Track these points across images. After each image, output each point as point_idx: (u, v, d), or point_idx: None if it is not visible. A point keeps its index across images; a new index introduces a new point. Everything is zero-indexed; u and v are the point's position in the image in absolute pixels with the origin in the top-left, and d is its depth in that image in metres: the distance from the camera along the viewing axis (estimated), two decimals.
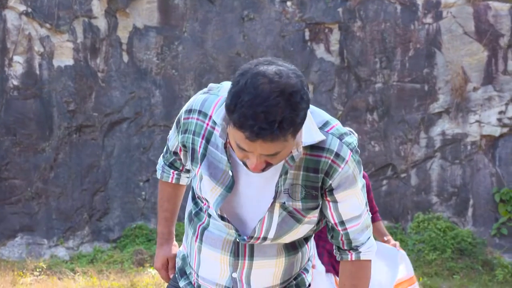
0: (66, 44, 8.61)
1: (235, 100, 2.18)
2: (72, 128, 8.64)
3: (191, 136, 2.54)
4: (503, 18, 8.66)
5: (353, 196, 2.50)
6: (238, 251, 2.54)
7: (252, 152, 2.25)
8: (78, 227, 8.60)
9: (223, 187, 2.46)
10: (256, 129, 2.15)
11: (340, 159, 2.41)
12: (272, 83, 2.17)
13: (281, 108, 2.15)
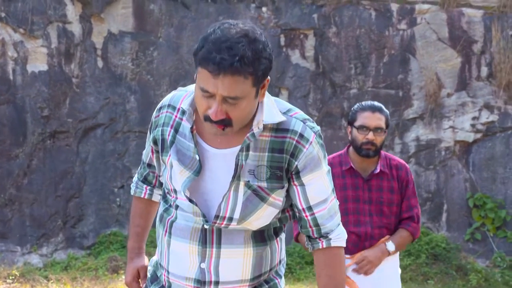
0: (40, 50, 8.58)
1: (203, 42, 2.36)
2: (46, 134, 8.58)
3: (160, 128, 2.64)
4: (476, 25, 8.76)
5: (319, 179, 2.59)
6: (206, 238, 2.58)
7: (214, 94, 2.35)
8: (52, 234, 8.53)
9: (191, 172, 2.54)
10: (218, 59, 2.29)
11: (304, 140, 2.52)
12: (237, 28, 2.36)
13: (243, 47, 2.32)
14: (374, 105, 4.45)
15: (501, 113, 8.55)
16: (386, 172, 4.44)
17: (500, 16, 8.71)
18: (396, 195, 4.46)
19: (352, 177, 4.48)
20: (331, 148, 8.37)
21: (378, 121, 4.38)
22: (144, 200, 2.92)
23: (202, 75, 2.35)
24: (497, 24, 8.68)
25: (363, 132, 4.36)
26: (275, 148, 2.51)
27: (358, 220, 4.47)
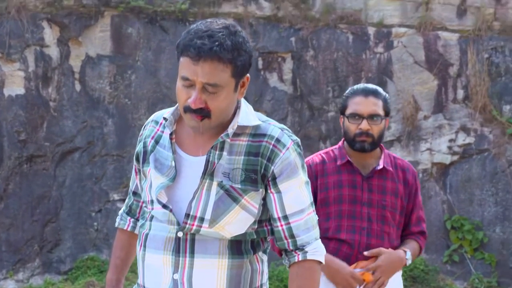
0: (17, 73, 8.57)
1: (185, 34, 2.47)
2: (23, 158, 8.55)
3: (143, 141, 2.69)
4: (452, 48, 8.84)
5: (296, 187, 2.58)
6: (179, 247, 2.55)
7: (194, 82, 2.43)
8: (28, 259, 8.47)
9: (167, 179, 2.57)
10: (199, 44, 2.39)
11: (280, 144, 2.54)
12: (219, 21, 2.47)
13: (224, 36, 2.42)
14: (367, 88, 3.83)
15: (477, 135, 8.62)
16: (390, 170, 3.81)
17: (476, 39, 8.81)
18: (400, 201, 3.82)
19: (350, 173, 3.81)
20: None
21: (373, 107, 3.75)
22: (127, 232, 2.89)
23: (183, 63, 2.44)
24: (472, 47, 8.78)
25: (355, 121, 3.73)
26: (251, 151, 2.54)
27: (353, 226, 3.79)
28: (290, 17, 8.92)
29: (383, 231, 3.76)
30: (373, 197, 3.76)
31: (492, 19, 8.90)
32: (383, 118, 3.74)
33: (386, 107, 3.78)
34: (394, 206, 3.77)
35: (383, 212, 3.75)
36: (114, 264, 2.90)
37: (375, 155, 3.80)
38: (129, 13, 8.80)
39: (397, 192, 3.78)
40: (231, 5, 8.97)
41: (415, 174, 3.88)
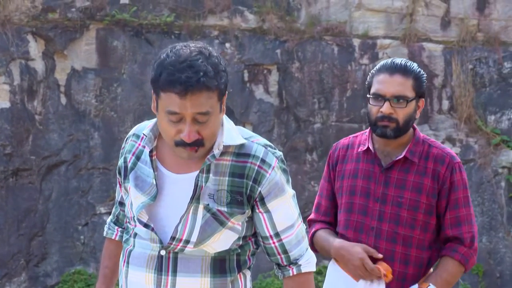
0: (2, 87, 8.54)
1: (160, 68, 2.39)
2: (9, 172, 8.52)
3: (124, 156, 2.67)
4: (437, 59, 8.88)
5: (285, 204, 2.57)
6: (162, 266, 2.54)
7: (183, 114, 2.37)
8: (14, 273, 8.43)
9: (148, 197, 2.54)
10: (184, 78, 2.33)
11: (266, 165, 2.52)
12: (190, 48, 2.42)
13: (203, 63, 2.37)
14: (394, 64, 3.29)
15: (463, 146, 8.67)
16: (414, 161, 3.26)
17: (460, 50, 8.85)
18: (425, 197, 3.23)
19: (368, 162, 3.33)
20: (295, 182, 8.53)
21: (398, 87, 3.23)
22: (115, 241, 2.89)
23: (168, 99, 2.37)
24: (457, 58, 8.80)
25: (378, 103, 3.24)
26: (236, 172, 2.51)
27: (361, 224, 3.30)
28: (275, 29, 8.95)
29: (396, 233, 3.22)
30: (388, 192, 3.26)
31: (475, 30, 8.97)
32: (411, 99, 3.23)
33: (417, 87, 3.26)
34: (414, 204, 3.21)
35: (397, 211, 3.23)
36: (102, 274, 2.89)
37: (404, 141, 3.30)
38: (115, 26, 8.80)
39: (421, 188, 3.23)
40: (216, 18, 8.99)
41: (454, 166, 3.26)
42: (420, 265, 3.22)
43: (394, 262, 3.19)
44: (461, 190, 3.23)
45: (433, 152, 3.26)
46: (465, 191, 3.25)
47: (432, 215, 3.22)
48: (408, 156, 3.23)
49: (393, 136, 3.21)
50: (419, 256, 3.21)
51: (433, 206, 3.21)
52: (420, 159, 3.25)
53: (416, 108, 3.26)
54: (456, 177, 3.23)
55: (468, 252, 3.19)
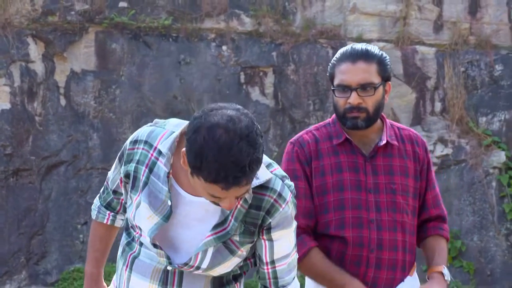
0: (3, 88, 8.53)
1: (200, 158, 2.20)
2: (9, 172, 8.51)
3: (134, 165, 2.53)
4: (429, 62, 8.90)
5: (287, 235, 2.56)
6: (167, 280, 2.54)
7: (225, 197, 2.29)
8: (15, 271, 8.42)
9: (161, 217, 2.46)
10: (231, 179, 2.20)
11: (282, 199, 2.46)
12: (229, 132, 2.21)
13: (245, 152, 2.21)
14: (355, 50, 3.06)
15: (455, 147, 8.70)
16: (396, 145, 3.08)
17: (452, 53, 8.89)
18: (411, 180, 3.07)
19: (349, 153, 3.08)
20: None
21: (363, 74, 2.99)
22: (106, 225, 2.83)
23: (210, 187, 2.25)
24: (449, 61, 8.83)
25: (344, 94, 3.00)
26: (253, 204, 2.45)
27: (359, 219, 3.04)
28: (271, 32, 8.98)
29: (395, 221, 3.03)
30: (379, 181, 3.04)
31: (467, 34, 9.01)
32: (378, 85, 3.00)
33: (382, 71, 3.04)
34: (405, 189, 3.05)
35: (393, 198, 3.03)
36: (93, 257, 2.85)
37: (376, 128, 3.09)
38: (113, 29, 8.81)
39: (407, 171, 3.07)
40: (213, 21, 9.01)
41: (425, 145, 3.17)
42: (411, 251, 3.09)
43: (398, 252, 3.02)
44: (432, 169, 3.17)
45: (405, 134, 3.13)
46: (433, 170, 3.20)
47: (416, 198, 3.09)
48: (389, 140, 3.06)
49: (364, 127, 3.00)
50: (411, 243, 3.08)
51: (417, 189, 3.08)
52: (398, 142, 3.09)
53: (383, 93, 3.05)
54: (428, 156, 3.14)
55: (447, 228, 3.16)
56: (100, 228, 2.83)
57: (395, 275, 3.02)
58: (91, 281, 2.87)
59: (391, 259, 3.01)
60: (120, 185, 2.67)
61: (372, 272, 3.00)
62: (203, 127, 2.22)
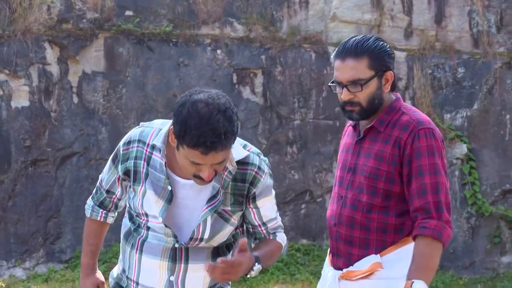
0: (23, 88, 8.62)
1: (184, 127, 2.39)
2: (28, 162, 8.61)
3: (132, 161, 2.68)
4: (401, 65, 9.00)
5: (269, 202, 2.76)
6: (176, 256, 2.67)
7: (204, 164, 2.44)
8: (34, 249, 8.54)
9: (164, 200, 2.62)
10: (209, 144, 2.37)
11: (261, 171, 2.67)
12: (209, 105, 2.40)
13: (222, 123, 2.39)
14: (346, 48, 2.92)
15: None
16: (380, 130, 2.93)
17: (420, 57, 8.98)
18: (385, 165, 2.89)
19: (351, 135, 3.11)
20: (277, 171, 8.68)
21: (351, 71, 2.87)
22: (99, 222, 2.95)
23: (192, 154, 2.42)
24: (418, 64, 8.93)
25: (338, 90, 2.96)
26: (238, 178, 2.64)
27: (336, 195, 3.08)
28: (260, 38, 9.03)
29: (358, 200, 2.94)
30: (358, 162, 2.98)
31: (434, 40, 9.05)
32: (368, 80, 2.87)
33: (375, 64, 2.88)
34: (374, 171, 2.90)
35: (361, 178, 2.95)
36: (89, 251, 2.96)
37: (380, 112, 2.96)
38: (120, 35, 8.86)
39: (382, 155, 2.90)
40: (209, 28, 9.02)
41: (418, 132, 2.85)
42: (383, 230, 2.92)
43: (354, 229, 2.95)
44: (425, 157, 2.83)
45: (402, 119, 2.91)
46: (432, 158, 2.82)
47: (394, 183, 2.89)
48: (375, 125, 2.95)
49: (360, 118, 2.94)
50: (381, 222, 2.91)
51: (394, 174, 2.88)
52: (387, 127, 2.92)
53: (380, 84, 2.92)
54: (419, 143, 2.83)
55: (439, 224, 2.75)
56: (94, 225, 2.97)
57: (352, 250, 2.96)
58: (87, 270, 2.97)
59: (348, 234, 2.97)
60: (118, 183, 2.80)
61: (335, 244, 3.04)
62: (188, 102, 2.42)
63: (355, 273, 2.92)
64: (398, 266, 2.87)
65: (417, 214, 2.81)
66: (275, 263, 8.63)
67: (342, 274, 2.97)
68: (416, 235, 2.77)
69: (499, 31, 9.09)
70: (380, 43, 2.94)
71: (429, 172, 2.81)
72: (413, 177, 2.83)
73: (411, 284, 2.67)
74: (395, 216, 2.88)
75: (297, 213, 9.02)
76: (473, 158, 8.86)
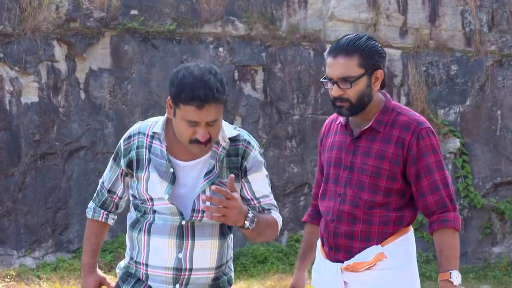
0: (32, 84, 8.67)
1: (180, 86, 2.57)
2: (37, 156, 8.67)
3: (135, 151, 2.75)
4: (396, 62, 9.11)
5: (260, 178, 2.80)
6: (183, 233, 2.72)
7: (199, 122, 2.59)
8: (43, 240, 8.61)
9: (167, 182, 2.71)
10: (203, 96, 2.54)
11: (251, 146, 2.78)
12: (201, 69, 2.60)
13: (213, 81, 2.57)
14: (338, 46, 2.94)
15: None
16: (380, 130, 2.95)
17: (415, 55, 9.02)
18: (388, 164, 2.93)
19: (342, 134, 3.07)
20: (277, 165, 8.82)
21: (341, 69, 2.89)
22: (100, 222, 2.95)
23: (187, 110, 2.56)
24: (412, 62, 8.98)
25: (329, 86, 2.96)
26: (232, 153, 2.75)
27: (333, 192, 3.06)
28: (261, 36, 9.08)
29: (358, 197, 2.97)
30: (355, 160, 2.99)
31: (428, 39, 9.09)
32: (358, 77, 2.89)
33: (365, 62, 2.90)
34: (376, 171, 2.93)
35: (361, 177, 2.97)
36: (90, 250, 2.98)
37: (373, 111, 2.99)
38: (126, 33, 8.92)
39: (384, 155, 2.93)
40: (211, 26, 9.09)
41: (420, 132, 2.91)
42: (384, 223, 2.97)
43: (356, 224, 2.99)
44: (431, 155, 2.91)
45: (400, 119, 2.94)
46: (436, 155, 2.92)
47: (396, 181, 2.94)
48: (374, 125, 2.96)
49: (349, 115, 2.96)
50: (383, 215, 2.96)
51: (396, 173, 2.93)
52: (386, 127, 2.94)
53: (369, 82, 2.93)
54: (423, 142, 2.90)
55: (456, 215, 2.91)
56: (95, 225, 2.96)
57: (353, 244, 3.00)
58: (89, 268, 2.98)
59: (348, 229, 2.99)
60: (120, 180, 2.84)
61: (332, 239, 3.05)
62: (182, 69, 2.62)
63: (362, 265, 2.97)
64: (399, 255, 2.98)
65: (433, 209, 2.91)
66: (275, 253, 8.77)
67: (346, 266, 3.01)
68: (438, 228, 2.89)
69: (491, 30, 9.16)
70: (371, 42, 2.96)
71: (437, 168, 2.91)
72: (422, 175, 2.91)
73: (450, 274, 2.84)
74: (394, 210, 2.97)
75: (296, 205, 9.10)
76: (465, 152, 8.92)
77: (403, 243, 2.99)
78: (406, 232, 3.03)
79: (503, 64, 9.09)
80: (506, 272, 8.52)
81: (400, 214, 2.97)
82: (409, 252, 3.04)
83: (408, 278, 3.01)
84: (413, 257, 3.07)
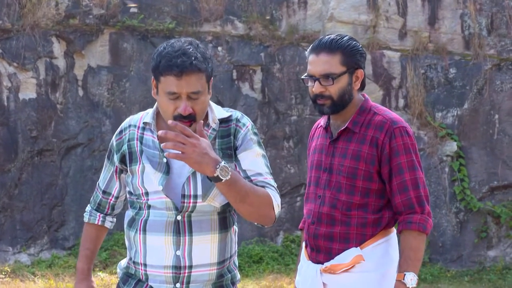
0: (30, 80, 8.69)
1: (159, 57, 2.52)
2: (34, 152, 8.68)
3: (126, 144, 2.69)
4: (394, 64, 9.08)
5: (252, 155, 2.66)
6: (179, 229, 2.62)
7: (180, 94, 2.52)
8: (38, 236, 8.61)
9: (162, 173, 2.63)
10: (180, 62, 2.47)
11: (241, 124, 2.68)
12: (181, 40, 2.56)
13: (192, 51, 2.52)
14: (321, 43, 2.96)
15: (415, 137, 8.75)
16: (356, 131, 2.95)
17: (414, 57, 9.02)
18: (363, 164, 2.92)
19: (323, 137, 3.09)
20: (274, 165, 8.75)
21: (324, 66, 2.90)
22: (97, 226, 2.89)
23: (167, 81, 2.51)
24: (411, 64, 8.97)
25: (311, 83, 2.96)
26: (224, 135, 2.67)
27: (313, 195, 3.07)
28: (260, 36, 9.09)
29: (336, 199, 2.96)
30: (334, 162, 2.99)
31: (427, 41, 9.08)
32: (339, 75, 2.90)
33: (347, 61, 2.92)
34: (352, 171, 2.93)
35: (338, 178, 2.97)
36: (84, 255, 2.91)
37: (352, 112, 3.00)
38: (125, 30, 8.94)
39: (359, 155, 2.93)
40: (211, 25, 9.10)
41: (393, 131, 2.90)
42: (363, 224, 2.95)
43: (335, 226, 2.98)
44: (403, 155, 2.90)
45: (375, 119, 2.94)
46: (409, 155, 2.89)
47: (373, 181, 2.93)
48: (350, 126, 2.96)
49: (330, 112, 2.96)
50: (361, 217, 2.95)
51: (372, 173, 2.92)
52: (361, 127, 2.94)
53: (350, 81, 2.94)
54: (396, 142, 2.89)
55: (422, 218, 2.88)
56: (91, 229, 2.90)
57: (332, 245, 2.99)
58: (82, 275, 2.92)
59: (328, 231, 2.99)
60: (115, 177, 2.79)
61: (312, 241, 3.04)
62: (164, 43, 2.59)
63: (339, 267, 2.96)
64: (378, 258, 2.97)
65: (401, 209, 2.90)
66: (270, 254, 8.70)
67: (325, 268, 3.00)
68: (403, 229, 2.87)
69: (490, 34, 9.17)
70: (353, 42, 2.99)
71: (408, 169, 2.88)
72: (393, 175, 2.90)
73: (404, 276, 2.82)
74: (373, 212, 2.95)
75: (292, 206, 9.09)
76: (462, 155, 8.93)
77: (383, 246, 2.97)
78: (387, 235, 2.99)
79: (502, 68, 9.09)
80: (501, 276, 8.53)
81: (379, 215, 2.95)
82: (390, 255, 2.99)
83: (387, 282, 2.94)
84: (394, 260, 2.99)
